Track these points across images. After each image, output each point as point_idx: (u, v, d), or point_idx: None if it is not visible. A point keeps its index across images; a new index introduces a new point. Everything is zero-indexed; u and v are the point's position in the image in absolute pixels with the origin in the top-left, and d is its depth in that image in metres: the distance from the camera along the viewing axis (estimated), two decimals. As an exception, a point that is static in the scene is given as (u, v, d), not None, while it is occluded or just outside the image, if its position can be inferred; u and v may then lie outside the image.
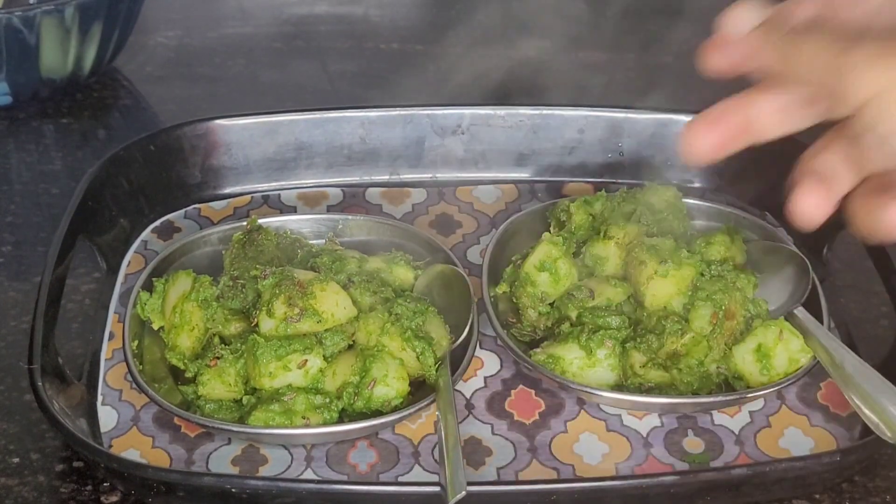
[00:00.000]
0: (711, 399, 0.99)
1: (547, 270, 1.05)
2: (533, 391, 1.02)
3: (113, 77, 1.45)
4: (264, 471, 0.95)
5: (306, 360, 0.96)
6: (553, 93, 1.40)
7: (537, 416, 1.00)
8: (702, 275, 1.03)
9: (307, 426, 0.95)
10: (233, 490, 0.89)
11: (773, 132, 0.82)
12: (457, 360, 1.00)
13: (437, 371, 0.98)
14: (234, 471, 0.95)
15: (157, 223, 1.18)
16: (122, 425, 0.98)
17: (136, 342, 1.02)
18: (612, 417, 1.00)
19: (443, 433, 0.92)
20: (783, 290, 1.06)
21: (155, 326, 1.03)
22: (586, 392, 1.00)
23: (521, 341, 1.06)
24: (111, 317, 1.08)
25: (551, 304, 1.06)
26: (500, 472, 0.96)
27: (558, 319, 1.05)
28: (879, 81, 0.70)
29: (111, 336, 1.06)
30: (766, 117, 0.81)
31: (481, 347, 1.05)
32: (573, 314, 1.04)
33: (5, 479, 0.95)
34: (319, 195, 1.23)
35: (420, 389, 0.99)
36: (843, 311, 1.10)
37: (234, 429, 0.95)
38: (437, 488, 0.88)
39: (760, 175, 1.21)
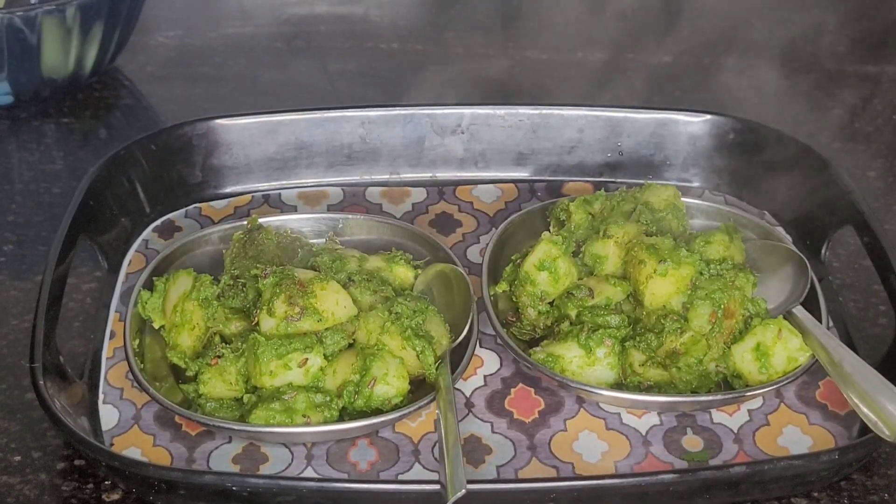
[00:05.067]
0: (710, 397, 1.00)
1: (546, 269, 1.05)
2: (532, 390, 1.03)
3: (114, 77, 1.45)
4: (265, 469, 0.95)
5: (307, 359, 0.97)
6: (552, 92, 1.40)
7: (537, 415, 1.00)
8: (701, 274, 1.03)
9: (308, 424, 0.95)
10: (233, 488, 0.89)
11: None
12: (457, 358, 1.00)
13: (437, 370, 0.99)
14: (235, 469, 0.95)
15: (158, 222, 1.19)
16: (124, 424, 0.99)
17: (136, 341, 1.02)
18: (612, 416, 1.00)
19: (443, 431, 0.92)
20: (782, 289, 1.06)
21: (156, 325, 1.04)
22: (586, 390, 1.00)
23: (521, 340, 1.06)
24: (112, 316, 1.08)
25: (551, 303, 1.06)
26: (499, 471, 0.96)
27: (558, 318, 1.05)
28: None
29: (112, 335, 1.06)
30: None
31: (481, 346, 1.05)
32: (572, 313, 1.04)
33: (7, 478, 0.95)
34: (320, 194, 1.23)
35: (420, 388, 1.00)
36: (841, 309, 1.10)
37: (235, 427, 0.95)
38: (437, 486, 0.88)
39: (759, 174, 1.22)
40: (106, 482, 0.95)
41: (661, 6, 1.63)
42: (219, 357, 0.98)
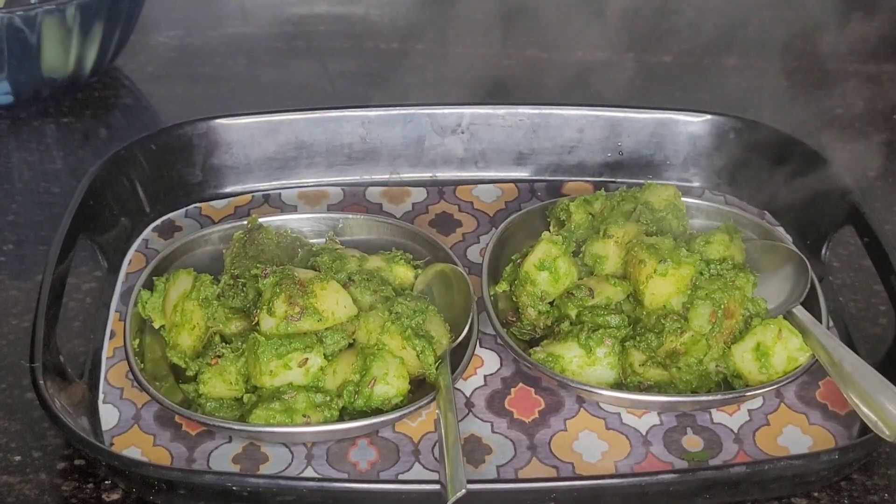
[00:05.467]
0: (710, 397, 1.00)
1: (546, 269, 1.05)
2: (533, 389, 1.03)
3: (114, 76, 1.45)
4: (265, 469, 0.95)
5: (307, 359, 0.97)
6: (553, 92, 1.40)
7: (537, 415, 1.00)
8: (701, 274, 1.03)
9: (308, 424, 0.95)
10: (234, 488, 0.89)
11: None
12: (457, 358, 1.00)
13: (437, 369, 0.99)
14: (235, 469, 0.95)
15: (158, 222, 1.19)
16: (124, 423, 0.99)
17: (137, 341, 1.02)
18: (612, 416, 1.00)
19: (443, 431, 0.92)
20: (782, 289, 1.06)
21: (156, 325, 1.04)
22: (586, 390, 1.00)
23: (521, 340, 1.06)
24: (112, 315, 1.08)
25: (551, 303, 1.06)
26: (499, 471, 0.96)
27: (558, 318, 1.05)
28: None
29: (112, 335, 1.06)
30: None
31: (481, 346, 1.05)
32: (573, 313, 1.04)
33: (7, 478, 0.95)
34: (320, 194, 1.23)
35: (420, 388, 1.00)
36: (841, 309, 1.10)
37: (235, 427, 0.95)
38: (437, 486, 0.88)
39: (759, 174, 1.22)
40: (106, 482, 0.95)
41: (661, 6, 1.63)
42: (219, 357, 0.98)
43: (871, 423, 0.94)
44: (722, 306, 1.01)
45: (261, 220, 1.10)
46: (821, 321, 1.03)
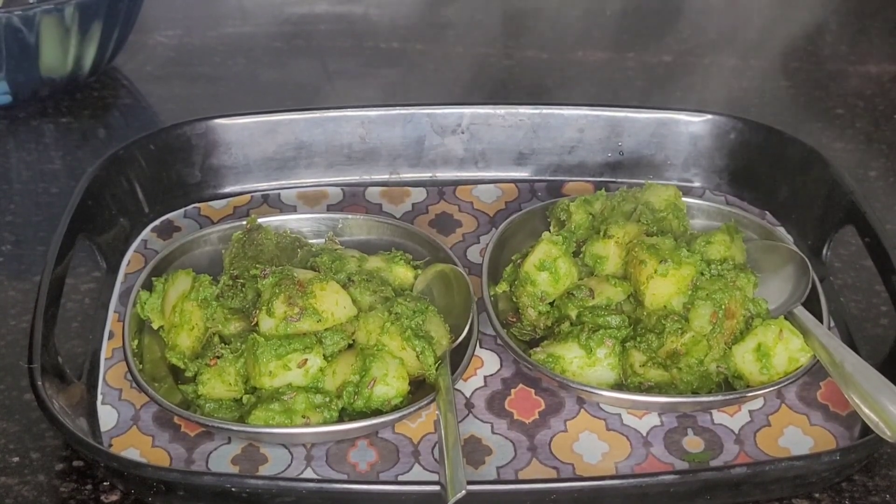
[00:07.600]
0: (711, 398, 0.99)
1: (547, 270, 1.05)
2: (533, 390, 1.02)
3: (113, 76, 1.45)
4: (264, 470, 0.95)
5: (306, 360, 0.96)
6: (553, 92, 1.40)
7: (537, 416, 1.00)
8: (702, 274, 1.03)
9: (307, 425, 0.95)
10: (233, 489, 0.89)
11: None
12: (457, 359, 1.00)
13: (437, 370, 0.98)
14: (234, 470, 0.95)
15: (157, 222, 1.18)
16: (122, 424, 0.98)
17: (135, 341, 1.02)
18: (612, 416, 1.00)
19: (443, 432, 0.92)
20: (783, 290, 1.06)
21: (155, 326, 1.03)
22: (586, 391, 1.00)
23: (521, 340, 1.06)
24: (111, 316, 1.08)
25: (551, 304, 1.06)
26: (499, 472, 0.96)
27: (558, 319, 1.05)
28: None
29: (111, 335, 1.06)
30: None
31: (481, 346, 1.05)
32: (573, 313, 1.04)
33: (5, 479, 0.95)
34: (319, 194, 1.23)
35: (420, 388, 0.99)
36: (842, 310, 1.10)
37: (234, 428, 0.95)
38: (436, 487, 0.88)
39: (760, 174, 1.22)
40: (104, 483, 0.95)
41: (661, 6, 1.63)
42: (218, 357, 0.98)
43: (873, 424, 0.93)
44: (723, 307, 1.01)
45: (260, 220, 1.10)
46: (822, 321, 1.03)
